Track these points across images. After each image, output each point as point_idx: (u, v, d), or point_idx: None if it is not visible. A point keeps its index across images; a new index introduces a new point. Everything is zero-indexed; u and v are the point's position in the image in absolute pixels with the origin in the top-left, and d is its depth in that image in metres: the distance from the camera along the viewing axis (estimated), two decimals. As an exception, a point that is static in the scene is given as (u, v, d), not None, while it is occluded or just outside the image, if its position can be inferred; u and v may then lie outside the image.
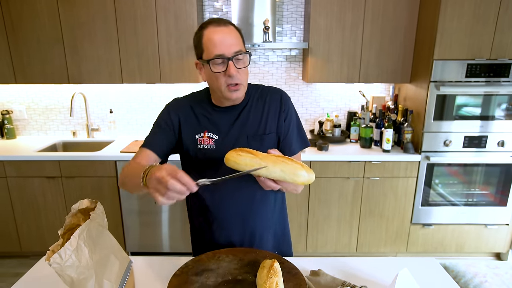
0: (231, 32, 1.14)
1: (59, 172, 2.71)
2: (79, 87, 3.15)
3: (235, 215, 1.29)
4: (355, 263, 1.26)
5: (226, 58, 1.11)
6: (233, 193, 1.26)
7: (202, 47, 1.15)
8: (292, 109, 1.32)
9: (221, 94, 1.18)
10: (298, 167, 0.97)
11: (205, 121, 1.26)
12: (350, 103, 3.25)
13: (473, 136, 2.67)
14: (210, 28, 1.13)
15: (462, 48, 2.51)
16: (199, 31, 1.16)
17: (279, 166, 0.96)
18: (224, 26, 1.14)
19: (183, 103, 1.30)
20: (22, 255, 3.01)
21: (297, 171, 0.97)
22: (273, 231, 1.38)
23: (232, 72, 1.11)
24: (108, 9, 2.67)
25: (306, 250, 2.93)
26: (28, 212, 2.81)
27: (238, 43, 1.14)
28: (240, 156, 1.00)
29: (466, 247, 2.90)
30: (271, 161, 0.97)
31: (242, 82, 1.16)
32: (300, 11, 3.03)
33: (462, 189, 2.80)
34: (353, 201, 2.81)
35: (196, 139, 1.25)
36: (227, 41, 1.12)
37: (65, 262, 0.82)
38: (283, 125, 1.28)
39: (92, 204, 1.02)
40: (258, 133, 1.24)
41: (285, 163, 0.97)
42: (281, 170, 0.97)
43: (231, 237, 1.31)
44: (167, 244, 2.92)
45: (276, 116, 1.27)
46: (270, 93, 1.30)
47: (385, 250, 2.94)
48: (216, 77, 1.14)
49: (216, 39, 1.11)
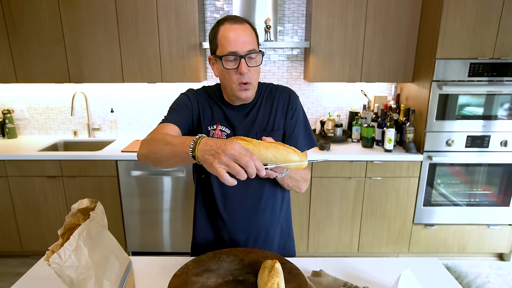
0: (246, 30, 1.15)
1: (60, 172, 2.71)
2: (80, 86, 3.15)
3: (242, 212, 1.29)
4: (357, 263, 1.25)
5: (239, 55, 1.13)
6: (241, 189, 1.25)
7: (217, 42, 1.17)
8: (299, 108, 1.33)
9: (231, 92, 1.20)
10: (290, 152, 0.97)
11: (219, 114, 1.27)
12: (352, 102, 3.24)
13: (476, 136, 2.66)
14: (226, 25, 1.15)
15: (465, 47, 2.49)
16: (216, 26, 1.18)
17: (271, 151, 0.96)
18: (240, 24, 1.15)
19: (200, 92, 1.32)
20: (22, 255, 3.01)
21: (288, 155, 0.97)
22: (280, 229, 1.38)
23: (243, 69, 1.13)
24: (109, 8, 2.67)
25: (308, 250, 2.92)
26: (29, 212, 2.81)
27: (252, 41, 1.16)
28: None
29: (469, 248, 2.89)
30: (263, 146, 0.96)
31: (252, 82, 1.18)
32: (302, 10, 3.02)
33: (464, 189, 2.78)
34: (355, 201, 2.80)
35: (209, 130, 1.26)
36: (241, 39, 1.13)
37: (65, 262, 0.82)
38: (290, 123, 1.29)
39: (92, 204, 1.02)
40: (267, 129, 1.26)
41: (277, 148, 0.97)
42: (273, 155, 0.96)
43: (237, 235, 1.30)
44: (168, 243, 2.92)
45: (283, 113, 1.29)
46: (279, 91, 1.32)
47: (387, 250, 2.93)
48: (228, 74, 1.16)
49: (230, 36, 1.13)
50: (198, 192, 1.36)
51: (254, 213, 1.29)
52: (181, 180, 2.76)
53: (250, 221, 1.30)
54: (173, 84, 3.12)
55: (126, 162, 2.70)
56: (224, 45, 1.14)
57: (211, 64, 1.24)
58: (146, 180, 2.75)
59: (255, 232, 1.31)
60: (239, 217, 1.29)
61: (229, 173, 0.83)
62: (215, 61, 1.21)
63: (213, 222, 1.33)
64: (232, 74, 1.16)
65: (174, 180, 2.76)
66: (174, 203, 2.80)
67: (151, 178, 2.74)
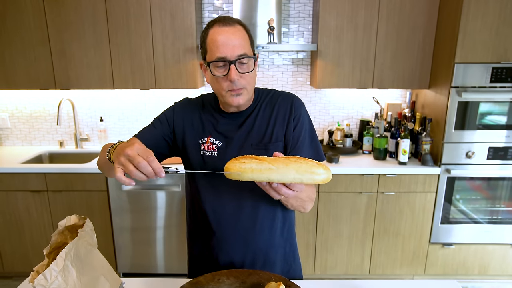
0: (237, 32, 1.11)
1: (45, 186, 2.63)
2: (66, 93, 3.08)
3: (236, 230, 1.24)
4: (368, 286, 1.20)
5: (228, 61, 1.09)
6: (234, 206, 1.22)
7: (206, 47, 1.14)
8: (304, 116, 1.26)
9: (222, 99, 1.17)
10: (314, 165, 0.91)
11: (210, 126, 1.25)
12: (362, 110, 3.15)
13: (498, 147, 2.56)
14: (215, 28, 1.11)
15: (487, 50, 2.42)
16: (205, 30, 1.15)
17: (293, 167, 0.90)
18: (230, 26, 1.11)
19: (192, 105, 1.30)
20: (4, 276, 2.91)
21: (313, 169, 0.90)
22: (282, 253, 1.31)
23: (233, 77, 1.08)
24: (99, 8, 2.60)
25: (314, 271, 2.83)
26: (11, 229, 2.72)
27: (243, 45, 1.11)
28: (244, 164, 0.93)
29: (491, 269, 2.79)
30: (281, 163, 0.90)
31: (245, 87, 1.14)
32: (308, 10, 2.94)
33: (486, 205, 2.69)
34: (366, 218, 2.71)
35: (199, 144, 1.24)
36: (231, 42, 1.08)
37: (51, 284, 0.81)
38: (292, 134, 1.22)
39: (80, 221, 1.02)
40: (263, 141, 1.21)
41: (298, 163, 0.90)
42: (296, 171, 0.89)
43: (232, 256, 1.25)
44: (162, 264, 2.80)
45: (284, 123, 1.23)
46: (280, 99, 1.26)
47: (401, 272, 2.83)
48: (218, 81, 1.13)
49: (219, 40, 1.09)
50: (188, 206, 1.34)
51: (249, 233, 1.24)
52: (176, 195, 2.64)
53: (245, 242, 1.24)
54: (167, 91, 3.04)
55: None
56: (212, 50, 1.10)
57: (203, 70, 1.20)
58: (138, 195, 2.64)
59: (251, 254, 1.26)
60: (233, 235, 1.24)
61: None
62: (206, 67, 1.16)
63: (206, 240, 1.28)
64: (222, 81, 1.12)
65: (169, 195, 2.64)
66: (168, 220, 2.70)
67: (143, 193, 2.64)
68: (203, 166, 1.23)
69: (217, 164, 1.21)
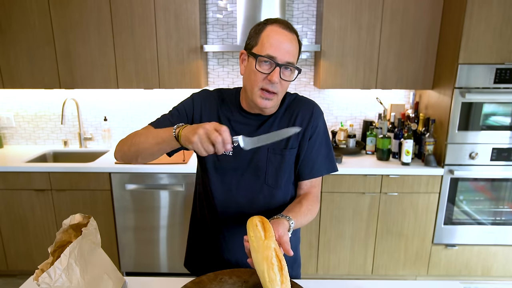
0: (293, 41, 1.11)
1: (49, 185, 2.62)
2: (71, 92, 3.07)
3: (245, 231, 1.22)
4: (371, 286, 1.21)
5: (276, 62, 1.08)
6: (245, 206, 1.22)
7: (258, 39, 1.11)
8: (322, 126, 1.25)
9: (251, 96, 1.14)
10: (277, 284, 0.89)
11: (227, 122, 1.22)
12: (366, 111, 3.14)
13: (502, 148, 2.55)
14: (275, 26, 1.11)
15: (491, 51, 2.41)
16: (263, 24, 1.14)
17: (264, 266, 0.91)
18: (290, 32, 1.11)
19: (211, 98, 1.26)
20: (8, 274, 2.91)
21: (270, 284, 0.89)
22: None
23: (274, 78, 1.08)
24: (103, 9, 2.60)
25: (317, 272, 2.80)
26: (15, 228, 2.72)
27: (294, 54, 1.12)
28: (255, 228, 0.98)
29: (494, 271, 2.77)
30: (264, 256, 0.91)
31: (278, 93, 1.13)
32: (312, 11, 2.92)
33: (489, 206, 2.67)
34: (368, 219, 2.70)
35: None
36: (285, 47, 1.09)
37: (55, 282, 0.81)
38: (307, 143, 1.22)
39: (84, 220, 1.01)
40: (279, 146, 1.20)
41: (270, 269, 0.90)
42: (263, 271, 0.91)
43: (237, 256, 1.26)
44: (165, 264, 2.80)
45: (301, 131, 1.22)
46: (300, 105, 1.25)
47: (404, 272, 2.82)
48: (255, 75, 1.11)
49: (276, 39, 1.09)
50: (196, 205, 1.34)
51: None
52: (179, 194, 2.63)
53: None
54: (171, 91, 3.03)
55: (121, 175, 2.60)
56: (265, 46, 1.09)
57: (241, 60, 1.18)
58: (142, 194, 2.63)
59: None
60: (241, 236, 1.21)
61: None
62: (247, 57, 1.15)
63: (213, 237, 1.29)
64: (260, 77, 1.10)
65: (172, 194, 2.64)
66: (171, 219, 2.69)
67: (147, 192, 2.63)
68: (217, 164, 1.21)
69: (231, 164, 1.20)
